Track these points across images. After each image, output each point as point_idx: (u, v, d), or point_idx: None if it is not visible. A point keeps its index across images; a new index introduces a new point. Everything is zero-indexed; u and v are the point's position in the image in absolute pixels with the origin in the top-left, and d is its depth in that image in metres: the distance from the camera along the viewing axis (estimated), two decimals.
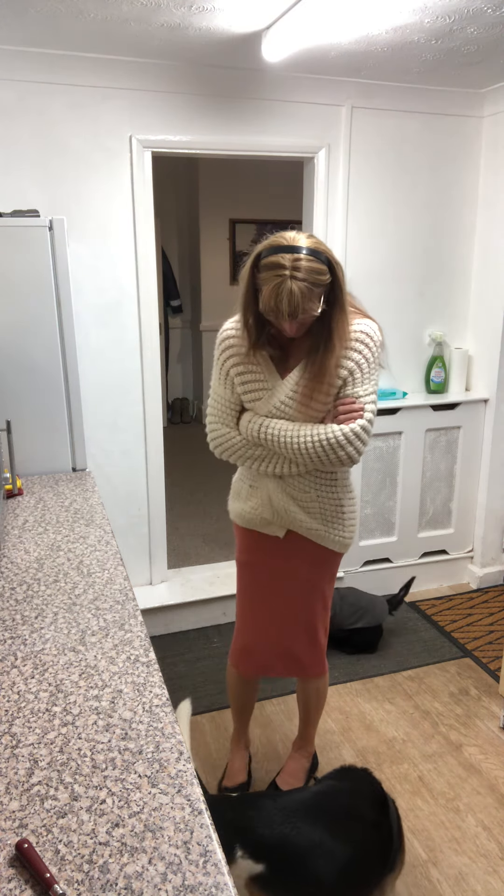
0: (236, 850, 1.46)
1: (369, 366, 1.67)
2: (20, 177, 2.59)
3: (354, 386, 1.67)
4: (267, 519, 1.88)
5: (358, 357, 1.67)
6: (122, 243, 2.78)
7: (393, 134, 3.03)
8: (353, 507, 1.89)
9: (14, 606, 1.47)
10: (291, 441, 1.69)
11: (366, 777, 1.75)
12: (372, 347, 1.67)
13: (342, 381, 1.68)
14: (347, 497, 1.86)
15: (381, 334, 1.70)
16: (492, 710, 2.59)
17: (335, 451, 1.66)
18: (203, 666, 2.87)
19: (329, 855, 1.50)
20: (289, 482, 1.81)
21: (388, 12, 2.12)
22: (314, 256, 1.52)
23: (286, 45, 2.30)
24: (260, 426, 1.74)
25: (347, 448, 1.66)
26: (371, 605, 2.94)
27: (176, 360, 6.69)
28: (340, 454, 1.67)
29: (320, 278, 1.53)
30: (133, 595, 1.52)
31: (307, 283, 1.52)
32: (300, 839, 1.51)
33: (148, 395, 2.98)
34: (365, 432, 1.67)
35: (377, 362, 1.70)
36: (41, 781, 0.98)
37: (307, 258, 1.52)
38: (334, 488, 1.82)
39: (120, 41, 2.40)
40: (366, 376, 1.67)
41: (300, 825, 1.53)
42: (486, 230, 3.23)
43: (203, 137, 2.78)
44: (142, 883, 0.82)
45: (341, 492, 1.84)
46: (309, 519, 1.84)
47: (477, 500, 3.50)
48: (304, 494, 1.81)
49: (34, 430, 2.36)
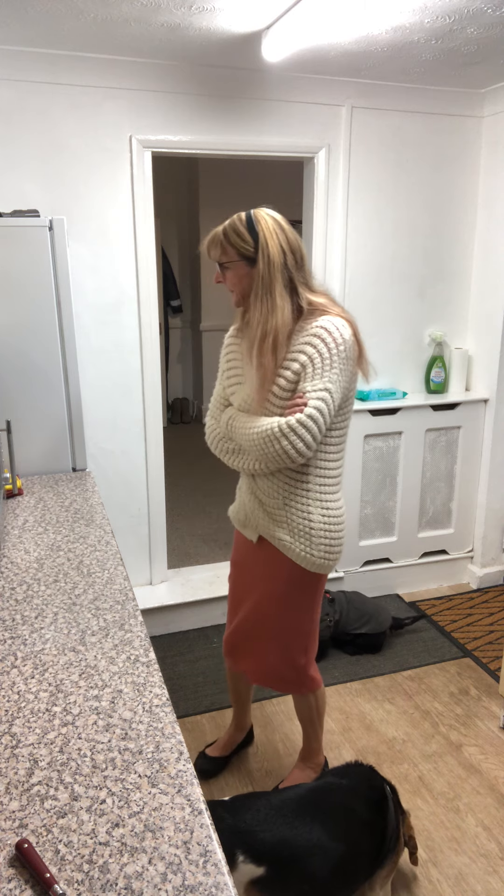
0: (238, 856, 1.46)
1: (323, 361, 1.62)
2: (20, 177, 2.59)
3: (305, 381, 1.63)
4: (241, 520, 1.90)
5: (311, 351, 1.63)
6: (122, 243, 2.78)
7: (393, 134, 3.03)
8: (328, 525, 1.76)
9: (14, 606, 1.47)
10: (240, 431, 1.72)
11: (368, 774, 1.75)
12: (329, 343, 1.62)
13: (296, 376, 1.65)
14: (320, 513, 1.75)
15: (348, 330, 1.65)
16: (492, 710, 2.59)
17: (271, 443, 1.63)
18: (203, 666, 2.87)
19: (324, 853, 1.51)
20: (259, 484, 1.79)
21: (388, 12, 2.12)
22: (247, 222, 1.64)
23: (286, 44, 2.30)
24: (228, 418, 1.77)
25: (283, 441, 1.61)
26: (376, 612, 2.94)
27: (176, 360, 6.69)
28: (276, 447, 1.62)
29: (237, 238, 1.64)
30: (133, 595, 1.52)
31: (223, 231, 1.66)
32: (298, 840, 1.51)
33: (148, 395, 2.98)
34: (303, 427, 1.60)
35: (339, 358, 1.63)
36: (41, 781, 0.98)
37: (239, 219, 1.65)
38: (305, 499, 1.74)
39: (120, 41, 2.40)
40: (317, 372, 1.62)
41: (297, 825, 1.53)
42: (486, 230, 3.24)
43: (203, 137, 2.78)
44: (142, 883, 0.82)
45: (313, 505, 1.74)
46: (275, 527, 1.79)
47: (477, 500, 3.50)
48: (271, 500, 1.77)
49: (34, 430, 2.36)
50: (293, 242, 1.66)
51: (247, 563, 1.95)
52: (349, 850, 1.54)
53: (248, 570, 1.96)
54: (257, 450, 1.68)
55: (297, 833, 1.51)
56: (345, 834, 1.55)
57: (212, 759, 2.30)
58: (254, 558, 1.91)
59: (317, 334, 1.63)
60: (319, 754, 2.19)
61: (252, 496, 1.83)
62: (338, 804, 1.61)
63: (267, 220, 1.63)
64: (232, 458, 1.79)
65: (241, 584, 2.00)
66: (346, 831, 1.56)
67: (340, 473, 1.80)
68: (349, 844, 1.55)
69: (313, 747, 2.17)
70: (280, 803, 1.58)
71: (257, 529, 1.85)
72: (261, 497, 1.80)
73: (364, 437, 3.19)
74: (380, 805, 1.68)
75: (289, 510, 1.76)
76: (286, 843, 1.49)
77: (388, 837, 1.66)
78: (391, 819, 1.68)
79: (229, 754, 2.34)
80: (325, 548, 1.78)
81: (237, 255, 1.64)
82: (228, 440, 1.79)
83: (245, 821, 1.51)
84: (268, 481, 1.77)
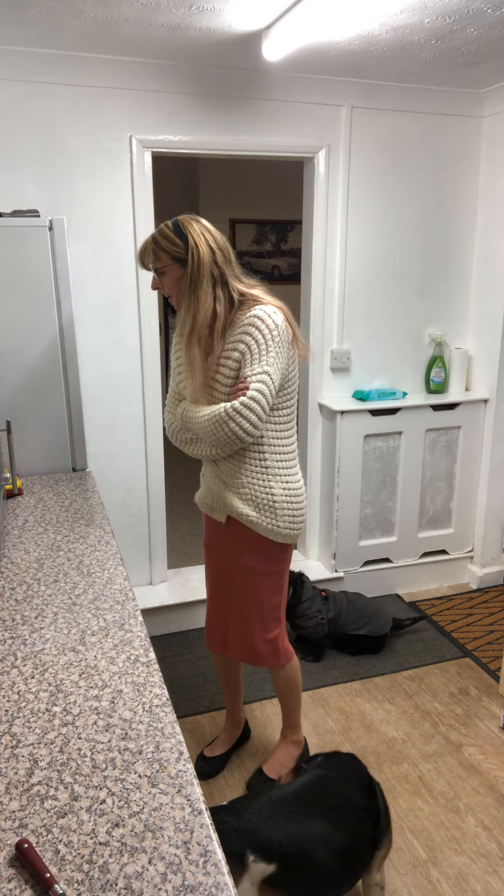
0: (248, 856, 1.46)
1: (259, 348, 1.73)
2: (20, 177, 2.59)
3: (244, 367, 1.75)
4: (209, 504, 2.00)
5: (249, 340, 1.74)
6: (122, 243, 2.78)
7: (393, 134, 3.03)
8: (289, 497, 1.90)
9: (14, 606, 1.47)
10: (193, 420, 1.82)
11: (350, 761, 1.78)
12: (264, 330, 1.72)
13: (237, 364, 1.76)
14: (280, 486, 1.88)
15: (280, 316, 1.75)
16: (492, 710, 2.59)
17: (220, 426, 1.74)
18: (203, 666, 2.87)
19: (329, 843, 1.53)
20: (221, 467, 1.91)
21: (388, 12, 2.12)
22: (174, 227, 1.74)
23: (286, 44, 2.29)
24: (183, 410, 1.88)
25: (230, 424, 1.72)
26: (376, 615, 2.94)
27: None
28: (225, 429, 1.73)
29: (166, 243, 1.74)
30: (133, 595, 1.53)
31: (153, 239, 1.76)
32: (304, 833, 1.53)
33: (148, 395, 2.98)
34: (246, 408, 1.71)
35: (274, 343, 1.73)
36: (41, 781, 0.98)
37: (167, 226, 1.75)
38: (265, 475, 1.87)
39: (120, 41, 2.40)
40: (255, 358, 1.73)
41: (300, 819, 1.54)
42: (486, 230, 3.24)
43: (203, 137, 2.78)
44: (142, 883, 0.82)
45: (273, 480, 1.87)
46: (242, 504, 1.89)
47: (477, 500, 3.50)
48: (234, 480, 1.89)
49: (34, 430, 2.36)
50: (220, 241, 1.78)
51: (218, 545, 2.06)
52: (352, 839, 1.59)
53: (218, 551, 2.06)
54: (210, 435, 1.78)
55: (301, 827, 1.53)
56: (345, 823, 1.59)
57: (210, 759, 2.32)
58: (223, 539, 2.02)
59: (251, 324, 1.74)
60: (299, 731, 2.28)
61: (217, 479, 1.93)
62: (334, 794, 1.63)
63: (193, 224, 1.75)
64: (190, 447, 1.91)
65: (214, 565, 2.11)
66: (347, 820, 1.59)
67: (294, 449, 1.93)
68: (351, 833, 1.58)
69: (294, 721, 2.25)
70: (279, 800, 1.59)
71: (225, 510, 1.94)
72: (224, 479, 1.91)
73: (364, 437, 3.19)
74: (370, 789, 1.71)
75: (252, 487, 1.88)
76: (293, 837, 1.51)
77: (381, 820, 1.69)
78: (381, 801, 1.71)
79: (228, 751, 2.36)
80: (290, 519, 1.91)
81: (169, 258, 1.75)
82: (185, 431, 1.90)
83: (249, 821, 1.52)
84: (229, 464, 1.88)
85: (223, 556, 2.05)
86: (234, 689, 2.33)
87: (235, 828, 1.50)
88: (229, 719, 2.37)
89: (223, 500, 1.92)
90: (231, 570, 2.03)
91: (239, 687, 2.34)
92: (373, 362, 3.30)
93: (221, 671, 2.30)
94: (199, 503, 2.07)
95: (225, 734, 2.38)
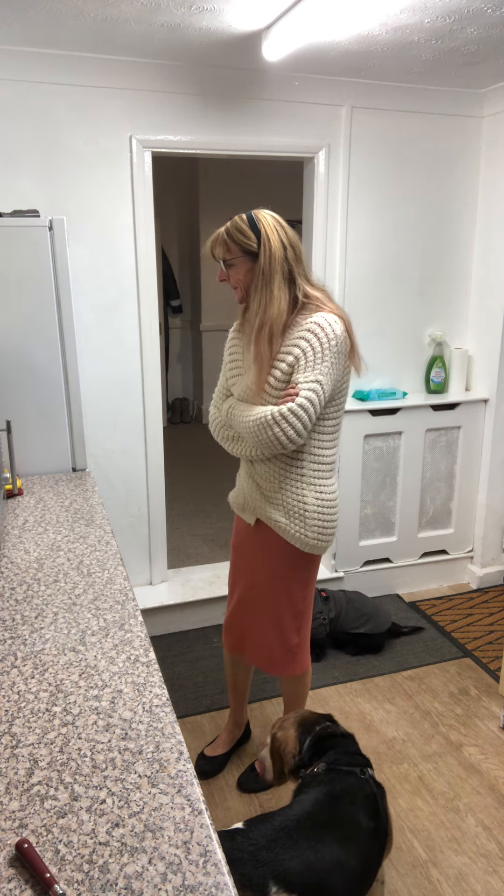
0: (270, 887, 1.44)
1: (315, 354, 1.70)
2: (20, 177, 2.59)
3: (297, 373, 1.72)
4: (240, 504, 1.99)
5: (304, 345, 1.71)
6: (122, 243, 2.78)
7: (393, 134, 3.03)
8: (321, 507, 1.85)
9: (14, 606, 1.47)
10: (238, 419, 1.82)
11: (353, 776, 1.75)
12: (321, 337, 1.70)
13: (290, 368, 1.74)
14: (314, 496, 1.84)
15: (340, 326, 1.73)
16: (492, 710, 2.59)
17: (265, 430, 1.72)
18: (203, 666, 2.87)
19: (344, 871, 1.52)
20: (257, 469, 1.89)
21: (388, 12, 2.12)
22: (248, 220, 1.73)
23: (286, 44, 2.29)
24: (229, 407, 1.87)
25: (274, 428, 1.70)
26: (375, 613, 2.94)
27: (176, 360, 6.69)
28: (269, 433, 1.72)
29: (240, 236, 1.73)
30: (133, 595, 1.53)
31: (226, 231, 1.75)
32: (322, 863, 1.50)
33: (148, 395, 2.98)
34: (293, 415, 1.69)
35: (331, 353, 1.71)
36: (41, 781, 0.98)
37: (241, 218, 1.74)
38: (299, 483, 1.83)
39: (120, 41, 2.40)
40: (309, 364, 1.70)
41: (318, 847, 1.52)
42: (486, 230, 3.23)
43: (203, 137, 2.78)
44: (142, 883, 0.82)
45: (307, 489, 1.84)
46: (272, 509, 1.88)
47: (477, 500, 3.50)
48: (268, 483, 1.87)
49: (34, 430, 2.36)
50: (292, 238, 1.76)
51: (245, 546, 2.04)
52: (364, 865, 1.58)
53: (245, 553, 2.05)
54: (252, 436, 1.77)
55: (319, 856, 1.51)
56: (358, 849, 1.58)
57: (210, 759, 2.32)
58: (251, 541, 2.00)
59: (310, 329, 1.71)
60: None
61: (250, 480, 1.92)
62: (344, 818, 1.61)
63: (267, 218, 1.74)
64: (231, 444, 1.89)
65: (239, 566, 2.09)
66: (359, 845, 1.59)
67: (335, 460, 1.89)
68: (364, 859, 1.58)
69: None
70: (294, 824, 1.56)
71: (255, 512, 1.94)
72: (258, 481, 1.90)
73: (364, 437, 3.19)
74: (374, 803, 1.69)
75: (284, 493, 1.85)
76: (312, 867, 1.49)
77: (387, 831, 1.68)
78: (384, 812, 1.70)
79: (228, 751, 2.36)
80: (319, 529, 1.87)
81: (240, 251, 1.74)
82: (228, 428, 1.89)
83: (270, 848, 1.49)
84: (265, 466, 1.86)
85: (249, 558, 2.03)
86: (241, 692, 2.31)
87: (252, 853, 1.47)
88: (232, 720, 2.37)
89: (254, 501, 1.91)
90: (255, 573, 2.01)
91: (246, 690, 2.33)
92: (373, 362, 3.30)
93: (231, 673, 2.28)
94: (231, 502, 2.07)
95: (226, 734, 2.37)
